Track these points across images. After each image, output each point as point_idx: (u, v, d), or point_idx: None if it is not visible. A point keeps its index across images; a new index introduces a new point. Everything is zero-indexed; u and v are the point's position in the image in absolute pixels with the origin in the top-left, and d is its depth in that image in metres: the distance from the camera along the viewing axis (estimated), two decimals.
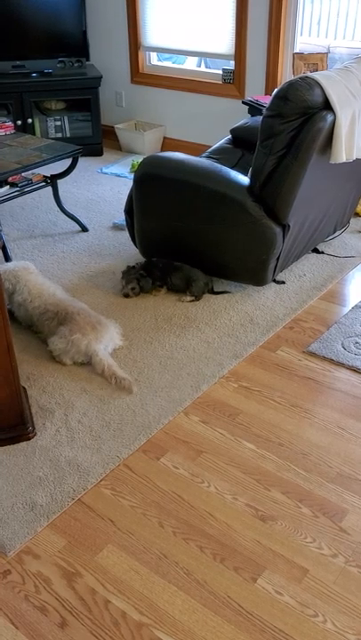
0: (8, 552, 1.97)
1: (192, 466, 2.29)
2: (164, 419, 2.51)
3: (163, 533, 2.03)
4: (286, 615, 1.78)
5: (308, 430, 2.45)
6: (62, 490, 2.18)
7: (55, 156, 3.82)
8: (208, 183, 3.10)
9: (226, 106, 5.13)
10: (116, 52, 5.67)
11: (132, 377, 2.72)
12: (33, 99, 5.35)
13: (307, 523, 2.06)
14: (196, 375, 2.75)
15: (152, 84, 5.57)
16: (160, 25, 5.32)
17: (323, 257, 3.71)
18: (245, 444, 2.39)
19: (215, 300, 3.29)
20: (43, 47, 5.40)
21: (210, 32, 5.05)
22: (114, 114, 5.90)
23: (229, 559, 1.94)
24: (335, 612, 1.79)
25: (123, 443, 2.39)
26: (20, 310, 3.01)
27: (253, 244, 3.10)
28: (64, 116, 5.56)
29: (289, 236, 3.14)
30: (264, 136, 2.90)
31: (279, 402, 2.61)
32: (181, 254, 3.34)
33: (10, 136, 4.14)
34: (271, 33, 4.66)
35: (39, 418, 2.51)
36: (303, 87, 2.75)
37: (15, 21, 5.25)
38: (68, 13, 5.35)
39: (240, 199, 3.04)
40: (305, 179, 2.92)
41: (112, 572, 1.91)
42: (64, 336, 2.76)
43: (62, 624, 1.77)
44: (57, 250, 3.90)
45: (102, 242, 4.00)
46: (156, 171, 3.24)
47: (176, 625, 1.76)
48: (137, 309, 3.23)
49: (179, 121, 5.56)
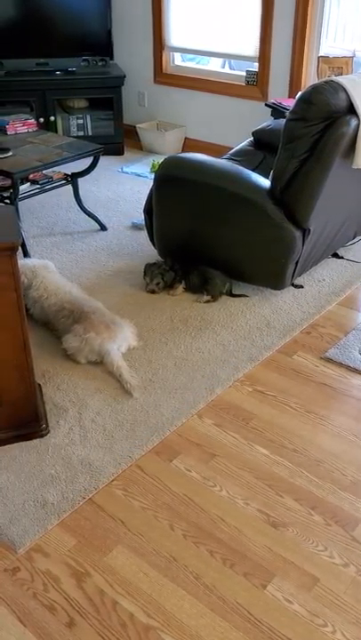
0: (18, 549, 1.97)
1: (204, 469, 2.28)
2: (178, 420, 2.50)
3: (173, 536, 2.02)
4: (295, 623, 1.77)
5: (322, 437, 2.43)
6: (74, 488, 2.18)
7: (76, 155, 3.82)
8: (228, 185, 3.08)
9: (248, 108, 5.11)
10: (139, 52, 5.67)
11: (146, 377, 2.72)
12: (56, 97, 5.36)
13: (318, 530, 2.04)
14: (211, 378, 2.74)
15: (175, 84, 5.56)
16: (185, 25, 5.32)
17: (342, 262, 3.68)
18: (259, 448, 2.38)
19: (232, 303, 3.27)
20: (67, 45, 5.41)
21: (235, 33, 5.03)
22: (136, 113, 5.90)
23: (239, 564, 1.93)
24: (345, 622, 1.77)
25: (135, 443, 2.38)
26: (36, 307, 3.01)
27: (273, 248, 3.08)
28: (86, 114, 5.57)
29: (309, 240, 3.12)
30: (287, 139, 2.88)
31: (294, 407, 2.59)
32: (200, 256, 3.33)
33: (32, 133, 4.15)
34: (296, 36, 4.64)
35: (53, 415, 2.51)
36: (327, 91, 2.73)
37: (40, 19, 5.27)
38: (94, 12, 5.36)
39: (260, 202, 3.02)
40: (327, 183, 2.90)
41: (121, 573, 1.91)
42: (78, 334, 2.76)
43: (70, 624, 1.76)
44: (76, 248, 3.90)
45: (121, 241, 4.00)
46: (176, 172, 3.23)
47: (184, 629, 1.75)
48: (153, 310, 3.23)
49: (200, 122, 5.55)
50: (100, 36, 5.44)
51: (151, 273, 3.34)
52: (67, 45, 5.42)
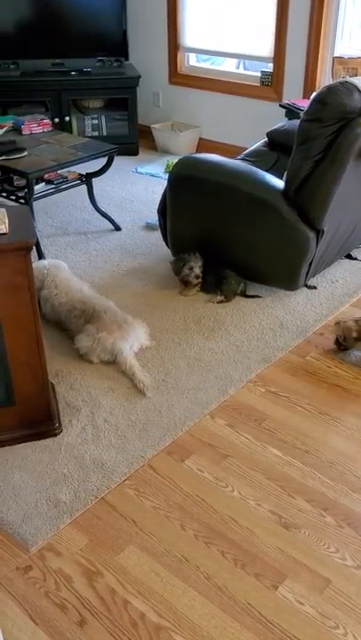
0: (30, 548, 1.98)
1: (216, 469, 2.28)
2: (190, 421, 2.50)
3: (184, 536, 2.02)
4: (306, 625, 1.76)
5: (335, 438, 2.43)
6: (86, 488, 2.18)
7: (91, 155, 3.83)
8: (242, 186, 3.08)
9: (263, 108, 5.10)
10: (154, 53, 5.68)
11: (158, 377, 2.72)
12: (71, 97, 5.38)
13: (331, 532, 2.04)
14: (224, 378, 2.74)
15: (190, 84, 5.56)
16: (200, 26, 5.32)
17: (356, 263, 3.67)
18: (271, 449, 2.38)
19: (245, 304, 3.27)
20: (82, 46, 5.42)
21: (250, 34, 5.02)
22: (151, 114, 5.91)
23: (251, 565, 1.93)
24: (357, 624, 1.76)
25: (148, 443, 2.38)
26: (47, 306, 3.02)
27: (286, 249, 3.08)
28: (101, 114, 5.58)
29: (323, 241, 3.11)
30: (301, 140, 2.87)
31: (307, 408, 2.59)
32: (214, 256, 3.33)
33: (47, 133, 4.17)
34: (311, 36, 4.62)
35: (66, 415, 2.52)
36: (342, 92, 2.72)
37: (56, 20, 5.29)
38: (109, 13, 5.37)
39: (274, 203, 3.02)
40: (341, 184, 2.89)
41: (132, 572, 1.91)
42: (90, 334, 2.77)
43: (81, 622, 1.77)
44: (90, 248, 3.91)
45: (134, 241, 4.01)
46: (190, 172, 3.23)
47: (195, 629, 1.75)
48: (166, 310, 3.23)
49: (215, 122, 5.55)
50: (115, 36, 5.45)
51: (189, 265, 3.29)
52: (82, 46, 5.43)
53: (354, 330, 2.80)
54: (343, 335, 2.84)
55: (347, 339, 2.84)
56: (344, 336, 2.84)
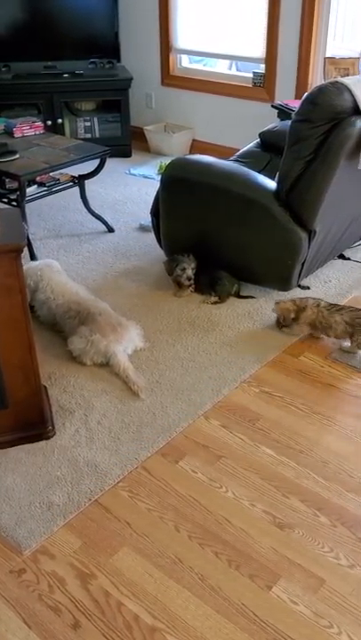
0: (24, 551, 1.98)
1: (210, 470, 2.28)
2: (184, 422, 2.50)
3: (178, 537, 2.02)
4: (301, 625, 1.76)
5: (328, 438, 2.43)
6: (79, 490, 2.18)
7: (83, 157, 3.83)
8: (235, 187, 3.08)
9: (255, 109, 5.11)
10: (147, 54, 5.68)
11: (152, 379, 2.72)
12: (63, 99, 5.38)
13: (325, 532, 2.04)
14: (218, 379, 2.74)
15: (182, 86, 5.57)
16: (192, 27, 5.32)
17: (349, 263, 3.67)
18: (265, 449, 2.37)
19: (239, 304, 3.27)
20: (74, 48, 5.43)
21: (241, 35, 5.03)
22: (143, 115, 5.91)
23: (245, 566, 1.93)
24: (351, 623, 1.76)
25: (141, 445, 2.38)
26: (43, 308, 3.02)
27: (279, 249, 3.08)
28: (94, 116, 5.58)
29: (315, 241, 3.11)
30: (292, 140, 2.88)
31: (301, 408, 2.59)
32: (207, 257, 3.32)
33: (39, 136, 4.17)
34: (303, 37, 4.63)
35: (59, 417, 2.51)
36: (333, 92, 2.72)
37: (48, 22, 5.29)
38: (101, 15, 5.37)
39: (266, 204, 3.02)
40: (332, 184, 2.89)
41: (126, 574, 1.91)
42: (84, 336, 2.77)
43: (75, 625, 1.77)
44: (83, 250, 3.91)
45: (128, 243, 4.01)
46: (182, 173, 3.23)
47: (189, 630, 1.75)
48: (160, 311, 3.23)
49: (208, 124, 5.55)
50: (107, 38, 5.46)
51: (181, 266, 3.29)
52: (74, 48, 5.44)
53: (292, 310, 2.93)
54: (282, 315, 2.96)
55: (285, 318, 2.95)
56: (283, 316, 2.96)
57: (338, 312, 2.86)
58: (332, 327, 2.85)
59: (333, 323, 2.84)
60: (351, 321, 2.81)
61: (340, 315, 2.84)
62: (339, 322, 2.83)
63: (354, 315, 2.83)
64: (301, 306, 2.92)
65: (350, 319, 2.82)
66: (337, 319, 2.83)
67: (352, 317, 2.82)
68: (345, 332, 2.83)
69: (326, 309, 2.88)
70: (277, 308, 2.98)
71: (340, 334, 2.85)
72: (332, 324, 2.84)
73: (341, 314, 2.84)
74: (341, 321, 2.82)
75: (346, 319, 2.82)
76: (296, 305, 2.93)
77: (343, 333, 2.84)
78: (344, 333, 2.84)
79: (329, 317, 2.85)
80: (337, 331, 2.84)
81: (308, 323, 2.90)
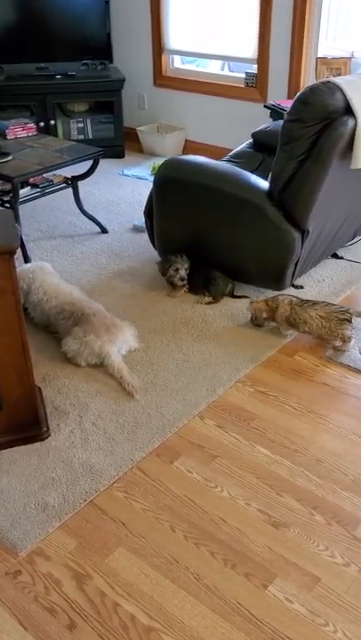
0: (19, 552, 1.97)
1: (206, 470, 2.28)
2: (179, 422, 2.50)
3: (174, 537, 2.02)
4: (297, 623, 1.77)
5: (323, 437, 2.43)
6: (75, 491, 2.18)
7: (76, 158, 3.83)
8: (228, 187, 3.09)
9: (248, 110, 5.11)
10: (139, 55, 5.68)
11: (147, 379, 2.72)
12: (56, 100, 5.38)
13: (320, 530, 2.04)
14: (212, 379, 2.74)
15: (175, 87, 5.57)
16: (184, 28, 5.33)
17: (342, 262, 3.68)
18: (260, 449, 2.38)
19: (233, 304, 3.28)
20: (67, 49, 5.43)
21: (233, 36, 5.04)
22: (136, 116, 5.91)
23: (240, 565, 1.93)
24: (346, 621, 1.77)
25: (136, 445, 2.38)
26: (37, 310, 3.02)
27: (272, 249, 3.09)
28: (87, 117, 5.58)
29: (308, 241, 3.12)
30: (284, 140, 2.88)
31: (295, 407, 2.59)
32: (201, 257, 3.33)
33: (32, 137, 4.16)
34: (295, 37, 4.64)
35: (54, 419, 2.51)
36: (324, 92, 2.73)
37: (40, 24, 5.29)
38: (93, 16, 5.37)
39: (259, 204, 3.02)
40: (325, 184, 2.90)
41: (122, 574, 1.91)
42: (78, 337, 2.77)
43: (71, 626, 1.77)
44: (76, 251, 3.91)
45: (122, 243, 4.01)
46: (175, 174, 3.24)
47: (185, 630, 1.75)
48: (155, 312, 3.23)
49: (200, 124, 5.56)
50: (99, 39, 5.46)
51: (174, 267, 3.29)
52: (66, 49, 5.44)
53: (264, 310, 2.98)
54: (255, 314, 3.01)
55: (258, 317, 3.01)
56: (255, 315, 3.01)
57: (311, 307, 2.88)
58: (306, 322, 2.87)
59: (308, 318, 2.86)
60: (327, 315, 2.84)
61: (314, 310, 2.87)
62: (313, 317, 2.85)
63: (328, 309, 2.86)
64: (274, 305, 2.96)
65: (326, 314, 2.84)
66: (311, 314, 2.86)
67: (327, 312, 2.85)
68: (320, 326, 2.85)
69: (298, 305, 2.91)
70: (251, 308, 3.04)
71: (316, 330, 2.87)
72: (307, 319, 2.87)
73: (316, 309, 2.87)
74: (316, 316, 2.85)
75: (321, 314, 2.85)
76: (268, 305, 2.97)
77: (319, 329, 2.86)
78: (320, 328, 2.86)
79: (302, 313, 2.88)
80: (312, 326, 2.87)
81: (285, 320, 2.93)
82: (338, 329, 2.83)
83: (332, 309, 2.85)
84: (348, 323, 2.83)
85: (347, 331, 2.83)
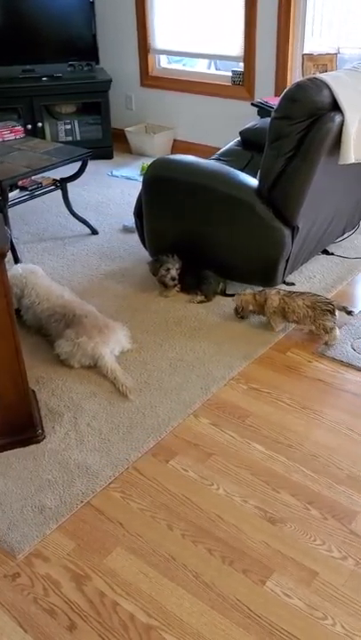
0: (17, 555, 1.98)
1: (201, 468, 2.29)
2: (174, 421, 2.51)
3: (171, 536, 2.03)
4: (295, 618, 1.78)
5: (317, 432, 2.44)
6: (71, 493, 2.18)
7: (65, 160, 3.83)
8: (217, 185, 3.10)
9: (235, 108, 5.12)
10: (125, 56, 5.68)
11: (141, 379, 2.73)
12: (43, 102, 5.37)
13: (316, 525, 2.05)
14: (206, 377, 2.75)
15: (162, 86, 5.58)
16: (169, 28, 5.33)
17: (332, 258, 3.70)
18: (255, 445, 2.39)
19: (226, 303, 3.28)
20: (52, 51, 5.42)
21: (219, 34, 5.05)
22: (124, 117, 5.91)
23: (238, 562, 1.94)
24: (344, 614, 1.78)
25: (132, 446, 2.39)
26: (29, 313, 3.02)
27: (263, 246, 3.10)
28: (74, 119, 5.58)
29: (298, 237, 3.13)
30: (272, 137, 2.89)
31: (289, 403, 2.60)
32: (192, 256, 3.34)
33: (20, 140, 4.16)
34: (280, 34, 4.65)
35: (48, 421, 2.51)
36: (311, 88, 2.74)
37: (25, 26, 5.28)
38: (78, 17, 5.37)
39: (249, 201, 3.03)
40: (314, 180, 2.91)
41: (121, 574, 1.91)
42: (70, 339, 2.77)
43: (71, 627, 1.77)
44: (67, 253, 3.91)
45: (112, 244, 4.01)
46: (165, 173, 3.24)
47: (184, 627, 1.76)
48: (147, 312, 3.23)
49: (189, 123, 5.56)
50: (85, 40, 5.46)
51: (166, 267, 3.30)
52: (52, 51, 5.43)
53: (250, 302, 3.03)
54: (241, 306, 3.05)
55: (244, 309, 3.05)
56: (242, 307, 3.05)
57: (299, 297, 2.93)
58: (295, 311, 2.91)
59: (296, 307, 2.91)
60: (312, 304, 2.88)
61: (301, 299, 2.91)
62: (301, 306, 2.90)
63: (314, 299, 2.91)
64: (261, 299, 3.00)
65: (311, 303, 2.89)
66: (299, 303, 2.90)
67: (313, 302, 2.89)
68: (307, 315, 2.89)
69: (287, 296, 2.95)
70: (237, 299, 3.07)
71: (303, 318, 2.91)
72: (295, 309, 2.91)
73: (303, 299, 2.92)
74: (303, 305, 2.89)
75: (307, 303, 2.90)
76: (256, 299, 3.01)
77: (305, 317, 2.90)
78: (306, 317, 2.90)
79: (291, 302, 2.93)
80: (299, 315, 2.91)
81: (277, 310, 2.96)
82: (319, 319, 2.86)
83: (318, 299, 2.90)
84: (330, 314, 2.87)
85: (328, 322, 2.86)
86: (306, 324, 2.95)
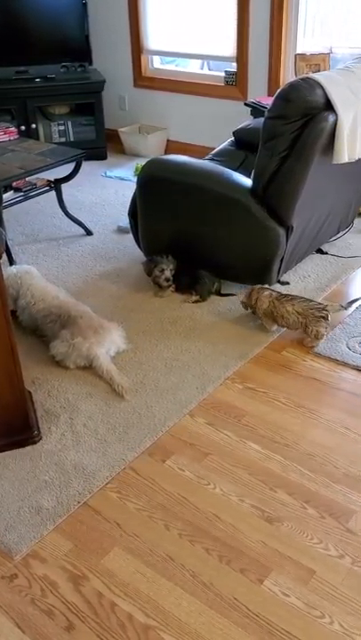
0: (15, 556, 1.97)
1: (198, 468, 2.29)
2: (170, 421, 2.51)
3: (169, 536, 2.03)
4: (293, 617, 1.78)
5: (313, 431, 2.45)
6: (68, 493, 2.18)
7: (59, 161, 3.83)
8: (211, 185, 3.10)
9: (229, 108, 5.13)
10: (118, 56, 5.68)
11: (137, 379, 2.73)
12: (36, 104, 5.37)
13: (313, 524, 2.06)
14: (202, 377, 2.75)
15: (155, 87, 5.58)
16: (162, 28, 5.34)
17: (327, 257, 3.70)
18: (251, 445, 2.39)
19: (220, 302, 3.29)
20: (46, 52, 5.41)
21: (212, 34, 5.05)
22: (117, 117, 5.91)
23: (236, 561, 1.94)
24: (342, 613, 1.78)
25: (128, 446, 2.39)
26: (24, 314, 3.02)
27: (257, 246, 3.10)
28: (68, 120, 5.57)
29: (293, 237, 3.14)
30: (266, 137, 2.90)
31: (285, 402, 2.61)
32: (186, 256, 3.34)
33: (14, 141, 4.16)
34: (273, 34, 4.66)
35: (44, 422, 2.51)
36: (304, 88, 2.75)
37: (18, 27, 5.27)
38: (71, 18, 5.36)
39: (243, 201, 3.04)
40: (308, 180, 2.92)
41: (118, 574, 1.91)
42: (65, 340, 2.77)
43: (69, 627, 1.77)
44: (62, 254, 3.91)
45: (107, 245, 4.01)
46: (159, 173, 3.24)
47: (182, 627, 1.76)
48: (142, 312, 3.23)
49: (182, 124, 5.57)
50: (77, 41, 5.45)
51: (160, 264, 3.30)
52: (45, 52, 5.42)
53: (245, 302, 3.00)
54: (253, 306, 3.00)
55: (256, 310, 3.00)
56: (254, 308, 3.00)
57: (289, 302, 2.89)
58: (283, 317, 2.89)
59: (285, 312, 2.88)
60: (304, 311, 2.85)
61: (291, 305, 2.88)
62: (291, 312, 2.87)
63: (306, 305, 2.87)
64: (253, 298, 2.98)
65: (303, 310, 2.86)
66: (288, 309, 2.87)
67: (304, 308, 2.86)
68: (297, 322, 2.87)
69: (277, 299, 2.92)
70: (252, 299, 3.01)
71: (292, 325, 2.89)
72: (284, 314, 2.88)
73: (293, 304, 2.88)
74: (293, 311, 2.87)
75: (298, 309, 2.86)
76: (249, 297, 3.00)
77: (295, 324, 2.88)
78: (296, 324, 2.88)
79: (280, 307, 2.89)
80: (289, 321, 2.89)
81: (265, 313, 2.95)
82: (314, 326, 2.84)
83: (310, 305, 2.86)
84: (325, 320, 2.84)
85: (322, 328, 2.84)
86: (296, 330, 2.93)
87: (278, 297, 2.92)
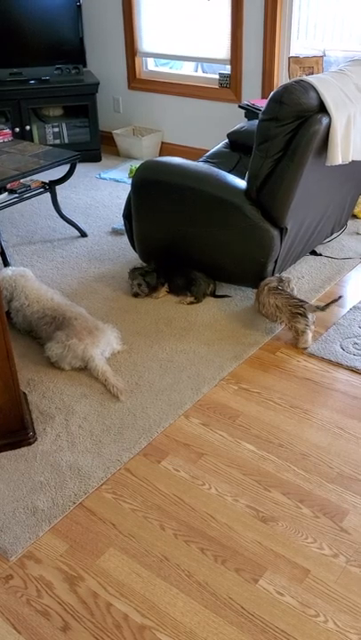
0: (10, 557, 1.98)
1: (193, 468, 2.30)
2: (165, 422, 2.52)
3: (164, 536, 2.04)
4: (288, 615, 1.79)
5: (307, 431, 2.46)
6: (63, 494, 2.19)
7: (53, 163, 3.83)
8: (205, 187, 3.11)
9: (223, 110, 5.15)
10: (112, 59, 5.69)
11: (132, 381, 2.74)
12: (31, 106, 5.37)
13: (307, 523, 2.07)
14: (197, 378, 2.76)
15: (149, 89, 5.59)
16: (156, 31, 5.35)
17: (321, 259, 3.72)
18: (246, 445, 2.40)
19: (215, 303, 3.30)
20: (40, 54, 5.42)
21: (206, 37, 5.07)
22: (112, 119, 5.92)
23: (230, 560, 1.95)
24: (337, 611, 1.79)
25: (123, 446, 2.39)
26: (19, 316, 3.02)
27: (251, 248, 3.11)
28: (62, 122, 5.58)
29: (287, 238, 3.15)
30: (260, 140, 2.91)
31: (279, 403, 2.62)
32: (180, 258, 3.35)
33: (8, 143, 4.16)
34: (267, 37, 4.68)
35: (40, 423, 2.51)
36: (298, 90, 2.76)
37: (12, 29, 5.27)
38: (65, 21, 5.37)
39: (237, 203, 3.05)
40: (301, 181, 2.93)
41: (114, 575, 1.92)
42: (60, 341, 2.77)
43: (64, 628, 1.77)
44: (56, 255, 3.91)
45: (101, 247, 4.02)
46: (153, 175, 3.25)
47: (178, 627, 1.77)
48: (137, 313, 3.24)
49: (176, 126, 5.58)
50: (72, 43, 5.46)
51: (134, 276, 3.35)
52: (40, 54, 5.43)
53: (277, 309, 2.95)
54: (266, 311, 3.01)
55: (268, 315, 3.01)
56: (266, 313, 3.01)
57: (273, 294, 2.93)
58: (264, 306, 2.96)
59: (266, 303, 2.94)
60: (282, 306, 2.90)
61: (274, 297, 2.92)
62: (271, 304, 2.93)
63: (286, 301, 2.90)
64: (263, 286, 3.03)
65: (281, 304, 2.90)
66: (270, 301, 2.93)
67: (283, 303, 2.90)
68: (274, 314, 2.93)
69: (269, 289, 2.97)
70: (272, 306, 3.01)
71: (270, 316, 2.96)
72: (265, 304, 2.95)
73: (276, 297, 2.92)
74: (273, 304, 2.92)
75: (277, 303, 2.91)
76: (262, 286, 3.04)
77: (272, 316, 2.95)
78: (273, 316, 2.94)
79: (265, 296, 2.96)
80: (268, 311, 2.96)
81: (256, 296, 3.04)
82: (291, 322, 2.88)
83: (289, 302, 2.89)
84: (301, 317, 2.87)
85: (299, 324, 2.87)
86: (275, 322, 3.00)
87: (271, 287, 2.97)
